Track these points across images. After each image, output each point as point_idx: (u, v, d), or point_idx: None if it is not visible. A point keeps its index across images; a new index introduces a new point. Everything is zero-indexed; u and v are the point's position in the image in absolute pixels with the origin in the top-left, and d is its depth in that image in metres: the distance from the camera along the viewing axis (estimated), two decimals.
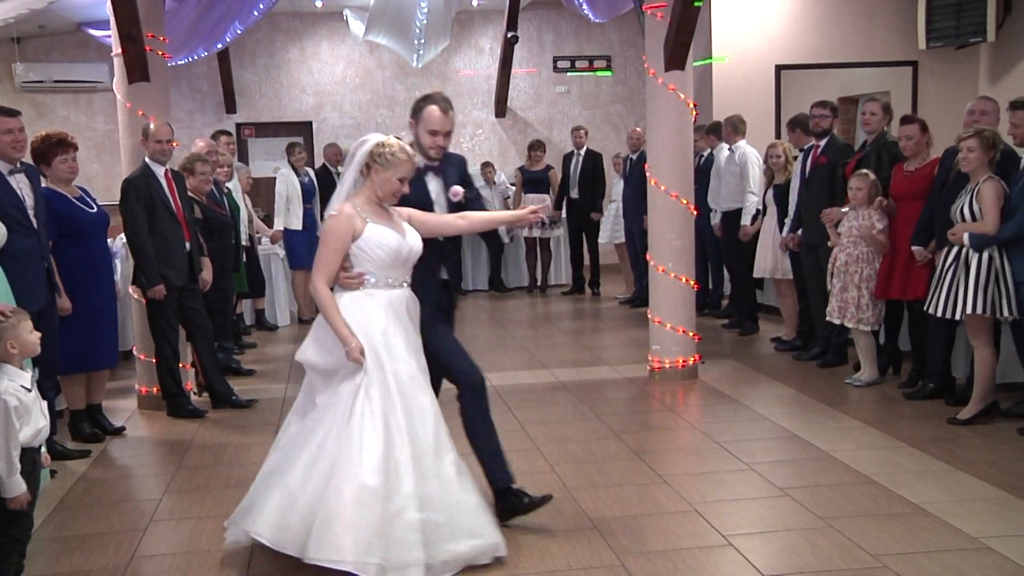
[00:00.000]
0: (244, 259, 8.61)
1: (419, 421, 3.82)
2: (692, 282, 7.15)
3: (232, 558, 4.07)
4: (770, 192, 8.22)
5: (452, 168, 4.42)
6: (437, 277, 4.32)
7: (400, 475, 3.69)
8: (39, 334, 3.90)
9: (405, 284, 4.04)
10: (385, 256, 3.92)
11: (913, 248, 6.22)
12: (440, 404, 4.01)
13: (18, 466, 3.61)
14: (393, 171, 3.93)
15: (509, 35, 13.19)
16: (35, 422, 3.72)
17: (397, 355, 3.86)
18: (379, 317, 3.89)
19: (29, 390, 3.72)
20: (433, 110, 4.22)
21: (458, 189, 4.32)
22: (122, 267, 7.35)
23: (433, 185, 4.33)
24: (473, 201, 4.44)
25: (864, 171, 6.61)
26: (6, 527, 3.70)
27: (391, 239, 3.93)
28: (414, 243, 4.01)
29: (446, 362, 4.20)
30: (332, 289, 3.94)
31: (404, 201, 4.09)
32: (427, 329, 4.14)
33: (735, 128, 9.04)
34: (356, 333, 3.82)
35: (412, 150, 4.02)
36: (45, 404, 3.88)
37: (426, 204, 4.25)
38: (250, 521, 3.87)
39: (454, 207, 4.34)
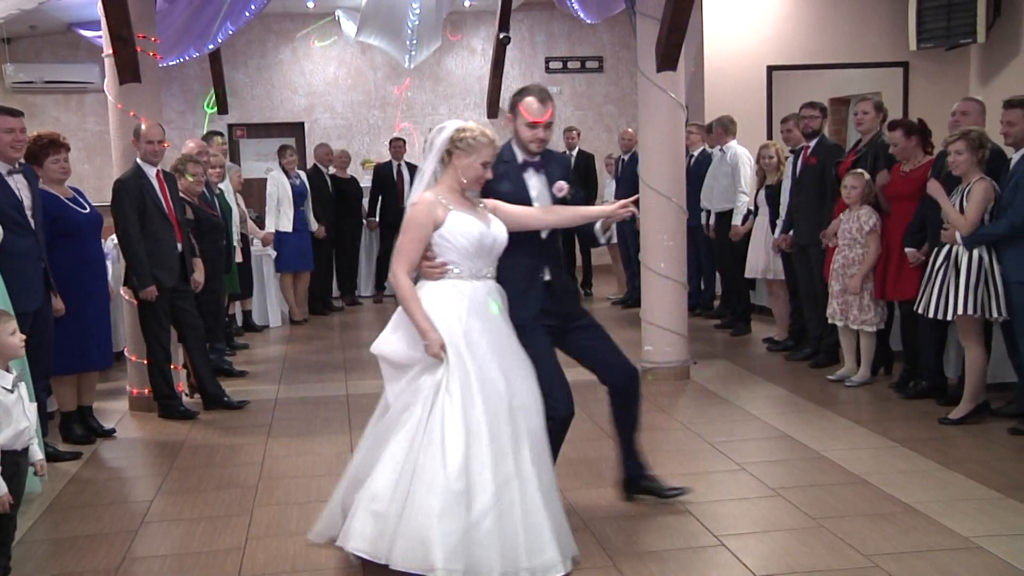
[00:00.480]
0: (239, 259, 8.63)
1: (499, 417, 3.65)
2: (684, 283, 7.16)
3: (225, 559, 4.06)
4: (762, 193, 8.23)
5: (555, 166, 4.22)
6: (539, 279, 4.10)
7: (482, 478, 3.56)
8: (22, 336, 3.84)
9: (490, 276, 3.89)
10: (468, 245, 3.78)
11: (906, 250, 6.23)
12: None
13: None
14: (476, 156, 3.80)
15: (501, 36, 13.19)
16: (16, 424, 3.66)
17: (478, 349, 3.71)
18: (461, 309, 3.75)
19: (10, 391, 3.66)
20: (531, 101, 4.02)
21: (563, 184, 4.10)
22: (114, 268, 7.32)
23: (534, 182, 4.12)
24: (579, 201, 4.23)
25: (858, 170, 6.61)
26: None
27: (475, 228, 3.79)
28: (499, 233, 3.86)
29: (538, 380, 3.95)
30: (416, 281, 3.82)
31: (502, 198, 3.96)
32: (526, 335, 3.93)
33: (725, 128, 9.05)
34: (436, 326, 3.69)
35: (493, 133, 3.88)
36: (34, 406, 3.84)
37: (526, 202, 4.06)
38: (343, 537, 3.70)
39: (558, 204, 4.13)
